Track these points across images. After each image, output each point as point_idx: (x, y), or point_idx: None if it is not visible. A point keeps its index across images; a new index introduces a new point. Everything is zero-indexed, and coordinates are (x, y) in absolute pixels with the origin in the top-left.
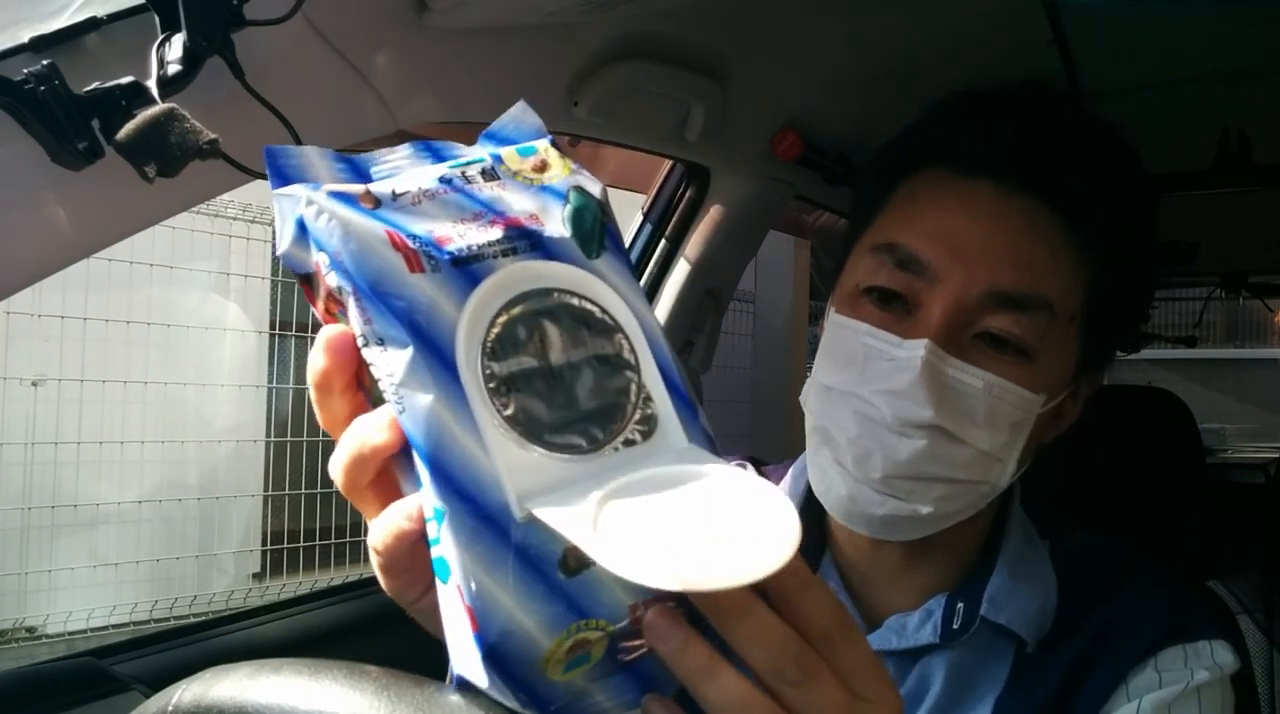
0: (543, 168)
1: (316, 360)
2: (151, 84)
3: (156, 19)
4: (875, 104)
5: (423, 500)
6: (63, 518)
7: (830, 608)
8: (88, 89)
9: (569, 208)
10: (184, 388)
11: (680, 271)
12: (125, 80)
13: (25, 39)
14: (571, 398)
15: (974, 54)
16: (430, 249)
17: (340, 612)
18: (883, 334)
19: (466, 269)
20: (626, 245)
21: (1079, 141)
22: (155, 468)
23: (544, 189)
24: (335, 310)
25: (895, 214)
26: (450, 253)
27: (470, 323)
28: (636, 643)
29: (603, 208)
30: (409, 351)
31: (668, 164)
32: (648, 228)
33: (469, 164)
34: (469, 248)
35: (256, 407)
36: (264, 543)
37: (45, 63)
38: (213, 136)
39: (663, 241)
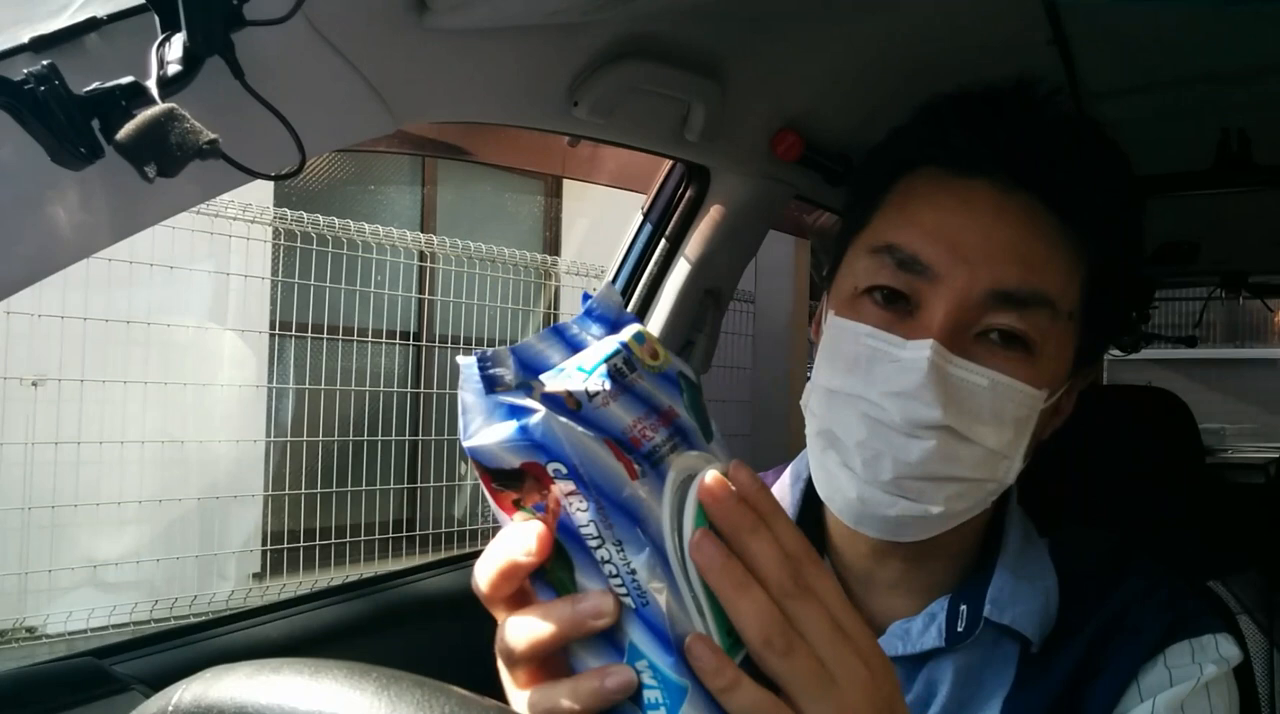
0: (655, 354)
1: (524, 548)
2: (151, 84)
3: (156, 19)
4: (875, 104)
5: (642, 671)
6: (63, 518)
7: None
8: (88, 89)
9: (685, 396)
10: (184, 388)
11: (680, 271)
12: (125, 80)
13: (25, 39)
14: None
15: (974, 54)
16: (636, 456)
17: (340, 612)
18: (885, 335)
19: (658, 469)
20: (626, 246)
21: (1070, 138)
22: (155, 468)
23: (664, 377)
24: (529, 505)
25: (892, 215)
26: (644, 455)
27: (670, 519)
28: None
29: (699, 389)
30: (646, 552)
31: (668, 164)
32: (648, 228)
33: (614, 356)
34: (654, 449)
35: (256, 407)
36: (264, 543)
37: (45, 63)
38: (213, 136)
39: (663, 241)
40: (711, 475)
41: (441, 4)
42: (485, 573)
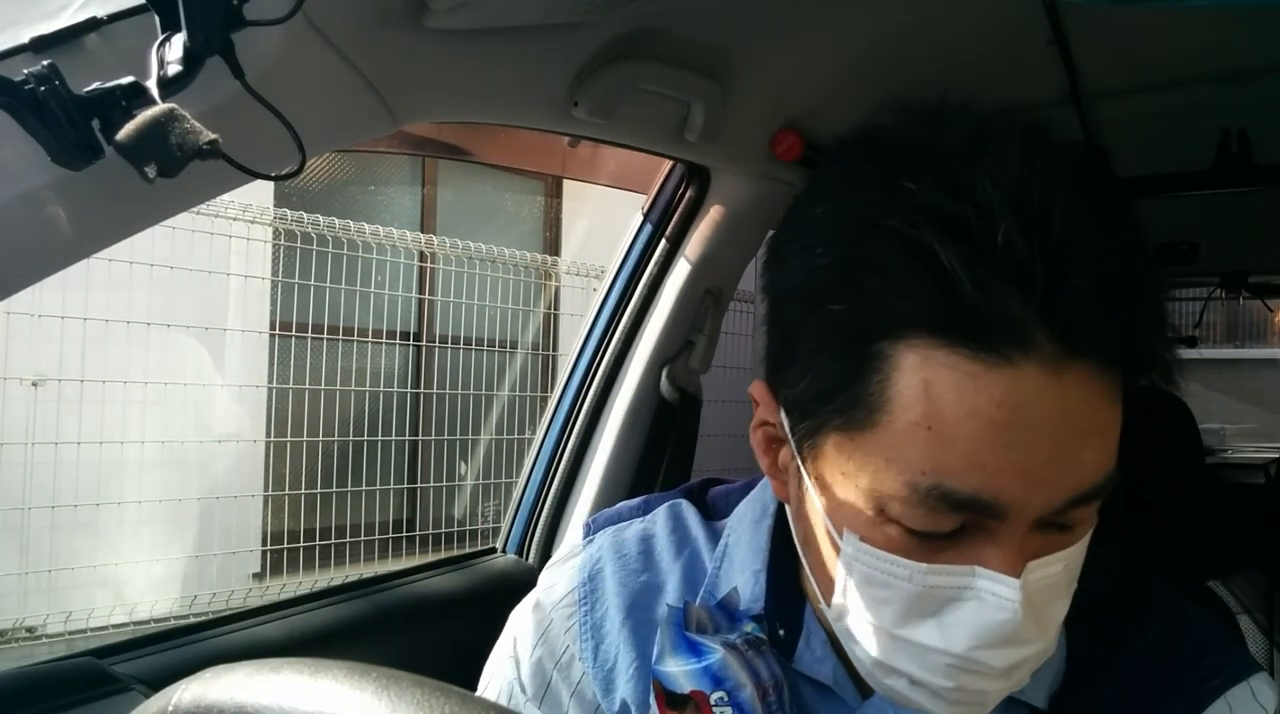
0: (763, 640)
1: None
2: (151, 84)
3: (156, 19)
4: (875, 104)
5: None
6: (63, 518)
7: None
8: (88, 89)
9: (785, 674)
10: (184, 388)
11: (680, 271)
12: (125, 80)
13: (25, 39)
14: None
15: (974, 53)
16: (766, 703)
17: (340, 612)
18: (953, 570)
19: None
20: (627, 246)
21: (1100, 243)
22: (155, 468)
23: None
24: None
25: (917, 430)
26: (768, 703)
27: None
28: None
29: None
30: None
31: (668, 164)
32: (648, 228)
33: (753, 632)
34: (770, 704)
35: (256, 407)
36: (264, 543)
37: (45, 63)
38: (213, 136)
39: (663, 241)
40: None
41: (441, 4)
42: None
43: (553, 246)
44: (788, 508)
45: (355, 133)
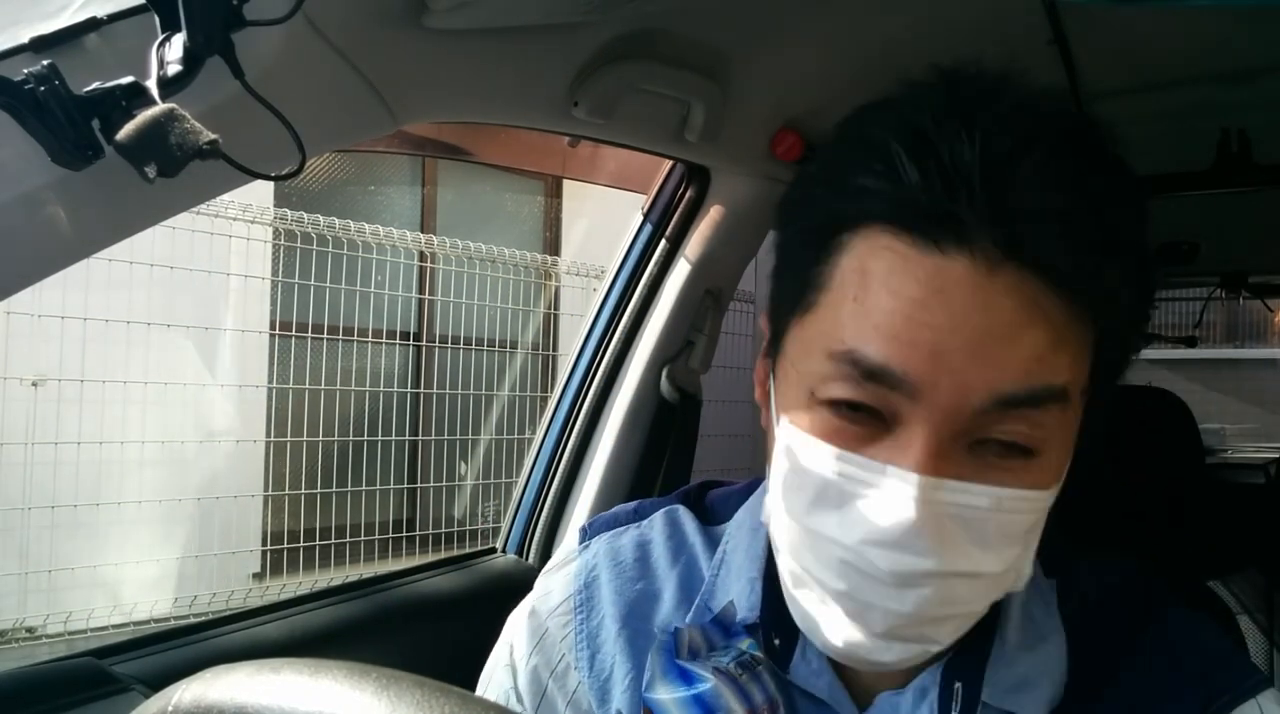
0: (758, 659)
1: None
2: (151, 84)
3: (156, 19)
4: None
5: None
6: (63, 518)
7: None
8: (88, 89)
9: (780, 693)
10: (184, 388)
11: (680, 271)
12: (125, 80)
13: (25, 39)
14: None
15: (974, 53)
16: None
17: (340, 612)
18: (859, 460)
19: None
20: (627, 246)
21: (1062, 171)
22: (155, 468)
23: (766, 675)
24: None
25: (846, 304)
26: None
27: None
28: None
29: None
30: None
31: (668, 164)
32: (648, 228)
33: (745, 652)
34: None
35: (256, 407)
36: (264, 543)
37: (45, 63)
38: (213, 136)
39: (663, 241)
40: None
41: (441, 4)
42: None
43: (553, 246)
44: (768, 447)
45: (355, 133)
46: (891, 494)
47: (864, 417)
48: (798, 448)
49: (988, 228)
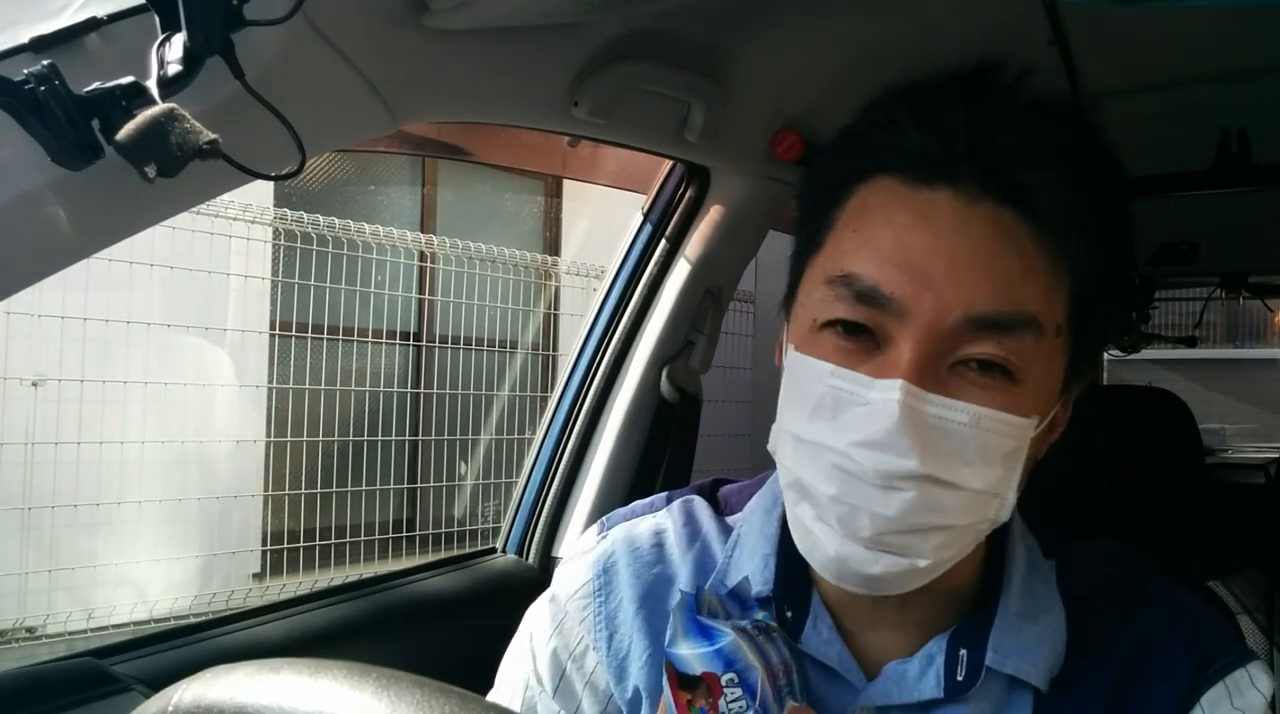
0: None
1: None
2: (151, 84)
3: (156, 19)
4: None
5: None
6: (63, 518)
7: None
8: (88, 89)
9: (794, 660)
10: (184, 388)
11: (680, 271)
12: (125, 80)
13: (25, 39)
14: None
15: (974, 53)
16: (775, 687)
17: (340, 612)
18: (851, 374)
19: (780, 701)
20: (627, 246)
21: (1039, 132)
22: (155, 468)
23: (784, 644)
24: (699, 704)
25: (847, 236)
26: (778, 687)
27: None
28: None
29: (799, 654)
30: None
31: (668, 164)
32: (648, 228)
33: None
34: (780, 688)
35: (256, 407)
36: (264, 543)
37: (45, 63)
38: (213, 136)
39: (663, 241)
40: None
41: (441, 4)
42: None
43: (553, 246)
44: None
45: (355, 133)
46: (878, 401)
47: (858, 338)
48: (800, 368)
49: (969, 167)
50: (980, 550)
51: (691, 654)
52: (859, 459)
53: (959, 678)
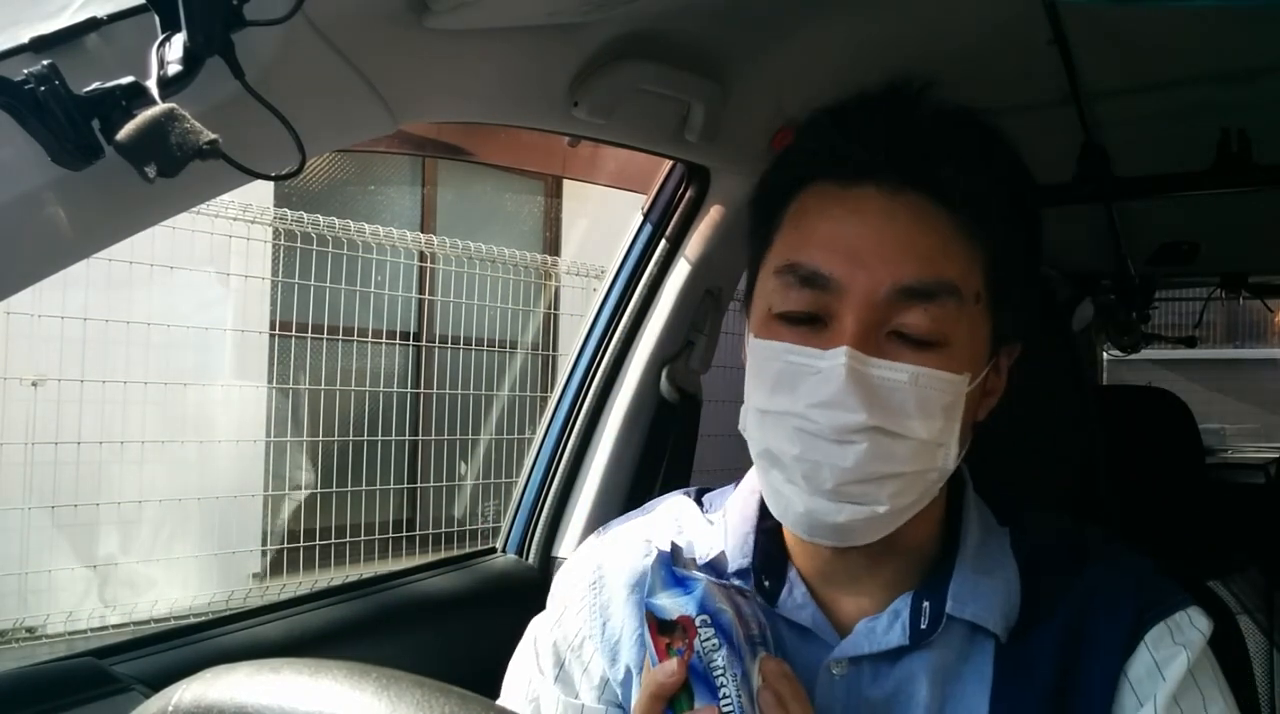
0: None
1: (669, 672)
2: (151, 84)
3: (156, 19)
4: None
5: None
6: (63, 518)
7: None
8: (88, 89)
9: (769, 621)
10: (184, 388)
11: (680, 271)
12: (125, 80)
13: (25, 39)
14: None
15: (974, 53)
16: (747, 633)
17: (340, 612)
18: (803, 349)
19: (752, 648)
20: (627, 246)
21: (945, 133)
22: (155, 468)
23: (757, 606)
24: (675, 647)
25: (790, 234)
26: (748, 637)
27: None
28: None
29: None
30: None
31: (668, 164)
32: (648, 228)
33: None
34: (751, 635)
35: (256, 407)
36: (264, 543)
37: (45, 63)
38: (213, 136)
39: (663, 241)
40: (770, 661)
41: (442, 4)
42: (641, 706)
43: (553, 246)
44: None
45: (355, 133)
46: (828, 367)
47: (806, 323)
48: (760, 351)
49: (889, 167)
50: (938, 511)
51: (669, 602)
52: (816, 418)
53: (922, 626)
